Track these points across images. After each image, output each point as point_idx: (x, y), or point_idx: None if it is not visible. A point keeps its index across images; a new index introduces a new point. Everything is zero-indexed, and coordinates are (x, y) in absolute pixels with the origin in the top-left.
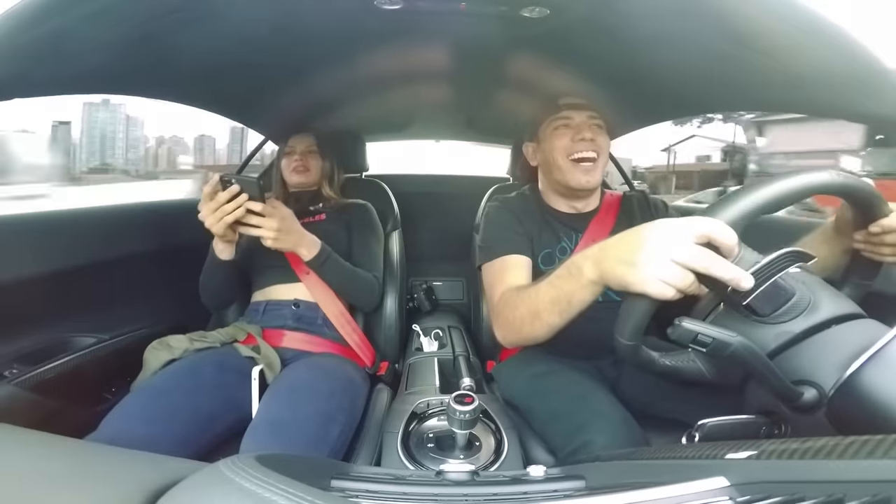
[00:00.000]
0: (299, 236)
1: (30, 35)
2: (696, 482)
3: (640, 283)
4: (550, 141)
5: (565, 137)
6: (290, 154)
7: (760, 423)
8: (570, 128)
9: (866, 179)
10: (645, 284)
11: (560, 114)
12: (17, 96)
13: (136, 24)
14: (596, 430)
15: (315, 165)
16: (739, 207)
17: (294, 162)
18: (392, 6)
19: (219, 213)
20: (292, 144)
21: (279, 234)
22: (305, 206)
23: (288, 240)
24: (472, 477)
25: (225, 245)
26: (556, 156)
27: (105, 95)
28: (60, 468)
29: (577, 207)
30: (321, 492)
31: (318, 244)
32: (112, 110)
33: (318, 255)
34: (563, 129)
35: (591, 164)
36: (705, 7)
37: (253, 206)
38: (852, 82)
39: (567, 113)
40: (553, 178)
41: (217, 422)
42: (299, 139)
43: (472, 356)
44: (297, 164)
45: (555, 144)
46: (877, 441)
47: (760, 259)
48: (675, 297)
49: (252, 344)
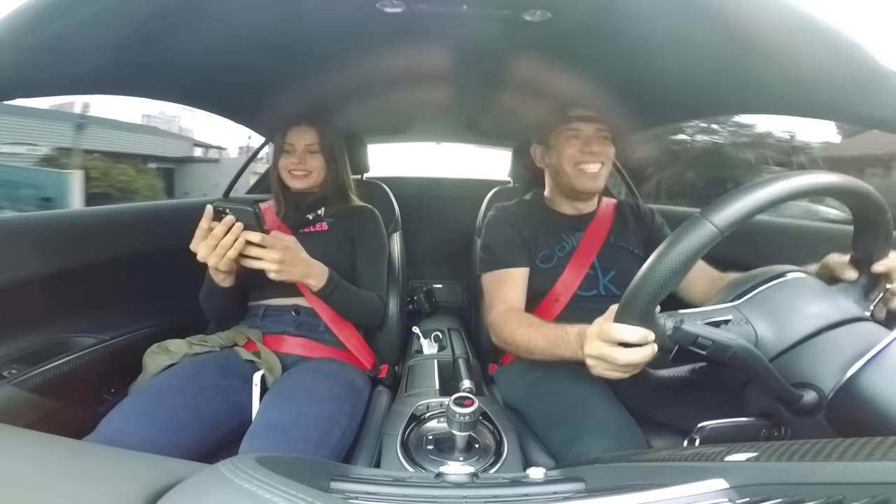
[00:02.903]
0: (306, 266)
1: (32, 37)
2: (696, 484)
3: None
4: (560, 149)
5: (574, 148)
6: (288, 153)
7: (760, 425)
8: (579, 139)
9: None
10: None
11: (570, 125)
12: (18, 97)
13: (138, 26)
14: (598, 437)
15: (317, 166)
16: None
17: (293, 163)
18: (394, 9)
19: (219, 250)
20: (291, 141)
21: (283, 266)
22: (304, 215)
23: (293, 271)
24: (471, 479)
25: (225, 275)
26: (564, 163)
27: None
28: (60, 469)
29: (580, 208)
30: (321, 493)
31: (326, 272)
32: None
33: (326, 285)
34: (572, 139)
35: (596, 171)
36: (705, 10)
37: (251, 236)
38: (852, 85)
39: (577, 125)
40: (560, 181)
41: (217, 425)
42: (299, 133)
43: (471, 358)
44: (297, 166)
45: (564, 153)
46: (876, 443)
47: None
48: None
49: (252, 349)
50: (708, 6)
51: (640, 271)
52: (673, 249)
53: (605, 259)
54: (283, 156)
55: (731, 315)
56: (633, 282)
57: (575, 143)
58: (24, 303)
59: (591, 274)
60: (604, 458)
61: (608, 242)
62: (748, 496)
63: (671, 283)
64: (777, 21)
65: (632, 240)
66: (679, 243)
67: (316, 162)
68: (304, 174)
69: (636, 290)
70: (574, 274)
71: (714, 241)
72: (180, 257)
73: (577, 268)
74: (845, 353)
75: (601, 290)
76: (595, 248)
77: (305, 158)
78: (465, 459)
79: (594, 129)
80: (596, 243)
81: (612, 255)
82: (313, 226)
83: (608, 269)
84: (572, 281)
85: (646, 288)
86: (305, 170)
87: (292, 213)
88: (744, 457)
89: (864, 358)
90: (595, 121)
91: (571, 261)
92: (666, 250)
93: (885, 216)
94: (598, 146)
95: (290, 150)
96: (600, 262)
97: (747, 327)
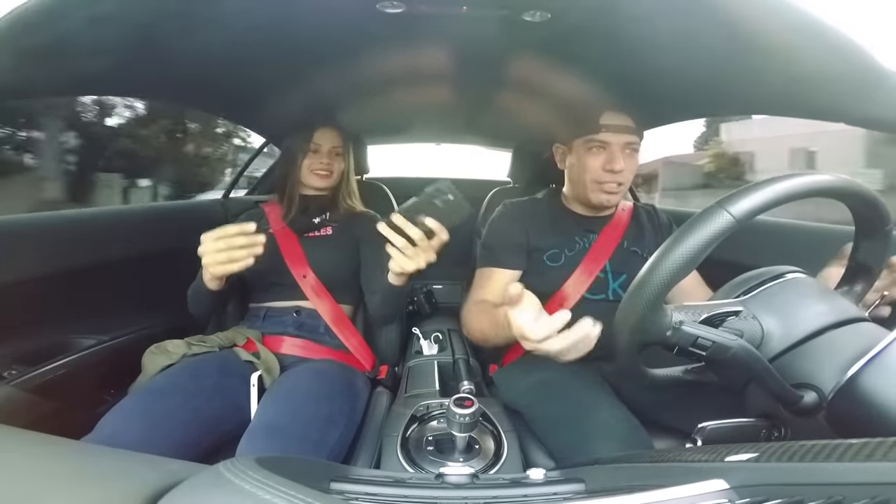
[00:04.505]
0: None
1: (34, 38)
2: (696, 485)
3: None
4: (583, 158)
5: (597, 162)
6: (315, 153)
7: (760, 426)
8: (605, 151)
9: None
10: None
11: (598, 136)
12: (21, 97)
13: (140, 28)
14: (605, 440)
15: (338, 169)
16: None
17: (320, 163)
18: (394, 10)
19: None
20: (318, 141)
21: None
22: (311, 219)
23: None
24: (471, 480)
25: (213, 278)
26: (584, 175)
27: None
28: (60, 469)
29: (595, 211)
30: (321, 494)
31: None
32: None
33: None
34: (597, 150)
35: (615, 189)
36: (705, 11)
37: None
38: (853, 85)
39: (605, 136)
40: (576, 189)
41: (217, 425)
42: (326, 135)
43: (471, 359)
44: (323, 166)
45: (587, 164)
46: (876, 444)
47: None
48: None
49: (251, 349)
50: (708, 6)
51: (653, 256)
52: (689, 236)
53: (618, 263)
54: (309, 155)
55: (741, 307)
56: (646, 266)
57: (599, 156)
58: (23, 303)
59: (601, 277)
60: (604, 459)
61: (621, 246)
62: (748, 497)
63: (683, 270)
64: (777, 21)
65: (646, 245)
66: (695, 230)
67: (338, 164)
68: (327, 174)
69: (648, 275)
70: (584, 276)
71: (729, 231)
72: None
73: (587, 270)
74: (845, 354)
75: (610, 294)
76: (608, 252)
77: (332, 159)
78: (466, 460)
79: (623, 142)
80: (609, 247)
81: (625, 259)
82: (318, 230)
83: (620, 272)
84: (581, 283)
85: (658, 273)
86: (330, 170)
87: (299, 216)
88: (744, 457)
89: (864, 358)
90: (628, 132)
91: (582, 263)
92: (681, 236)
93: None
94: (623, 163)
95: (316, 149)
96: (612, 266)
97: (754, 322)
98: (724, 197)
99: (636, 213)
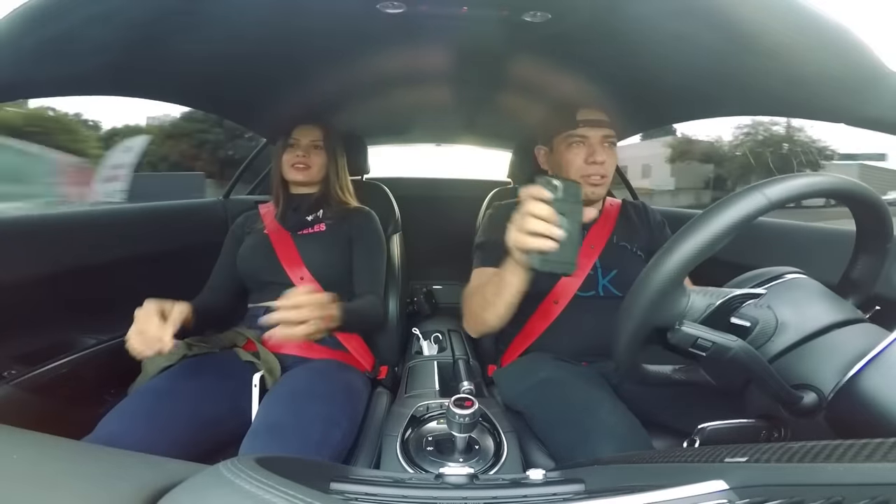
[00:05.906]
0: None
1: (34, 37)
2: (695, 485)
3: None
4: (564, 155)
5: (579, 157)
6: (293, 147)
7: (760, 426)
8: (585, 146)
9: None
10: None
11: (577, 131)
12: (21, 97)
13: (139, 26)
14: (606, 440)
15: (318, 162)
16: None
17: (296, 157)
18: (395, 10)
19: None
20: (296, 136)
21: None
22: (303, 216)
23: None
24: (471, 480)
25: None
26: (569, 171)
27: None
28: (59, 470)
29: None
30: (321, 494)
31: (337, 315)
32: None
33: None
34: (577, 146)
35: (600, 181)
36: (706, 11)
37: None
38: (853, 85)
39: (583, 131)
40: None
41: (217, 426)
42: (304, 131)
43: (471, 360)
44: (299, 159)
45: (568, 160)
46: (876, 444)
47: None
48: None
49: (252, 350)
50: (708, 7)
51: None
52: (726, 210)
53: (608, 259)
54: (287, 150)
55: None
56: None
57: (580, 151)
58: (23, 303)
59: (591, 274)
60: (603, 460)
61: (611, 242)
62: (748, 497)
63: (716, 243)
64: (777, 21)
65: (635, 240)
66: (732, 205)
67: (318, 158)
68: (304, 167)
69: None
70: (575, 275)
71: (763, 211)
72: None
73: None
74: (845, 355)
75: (600, 290)
76: (598, 249)
77: (308, 153)
78: (465, 461)
79: (601, 136)
80: (599, 244)
81: (615, 255)
82: (311, 227)
83: (610, 268)
84: (573, 282)
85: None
86: (306, 163)
87: (291, 214)
88: (743, 458)
89: (864, 359)
90: (603, 126)
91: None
92: (718, 210)
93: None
94: (603, 155)
95: (294, 144)
96: (602, 263)
97: (768, 312)
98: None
99: (624, 210)
